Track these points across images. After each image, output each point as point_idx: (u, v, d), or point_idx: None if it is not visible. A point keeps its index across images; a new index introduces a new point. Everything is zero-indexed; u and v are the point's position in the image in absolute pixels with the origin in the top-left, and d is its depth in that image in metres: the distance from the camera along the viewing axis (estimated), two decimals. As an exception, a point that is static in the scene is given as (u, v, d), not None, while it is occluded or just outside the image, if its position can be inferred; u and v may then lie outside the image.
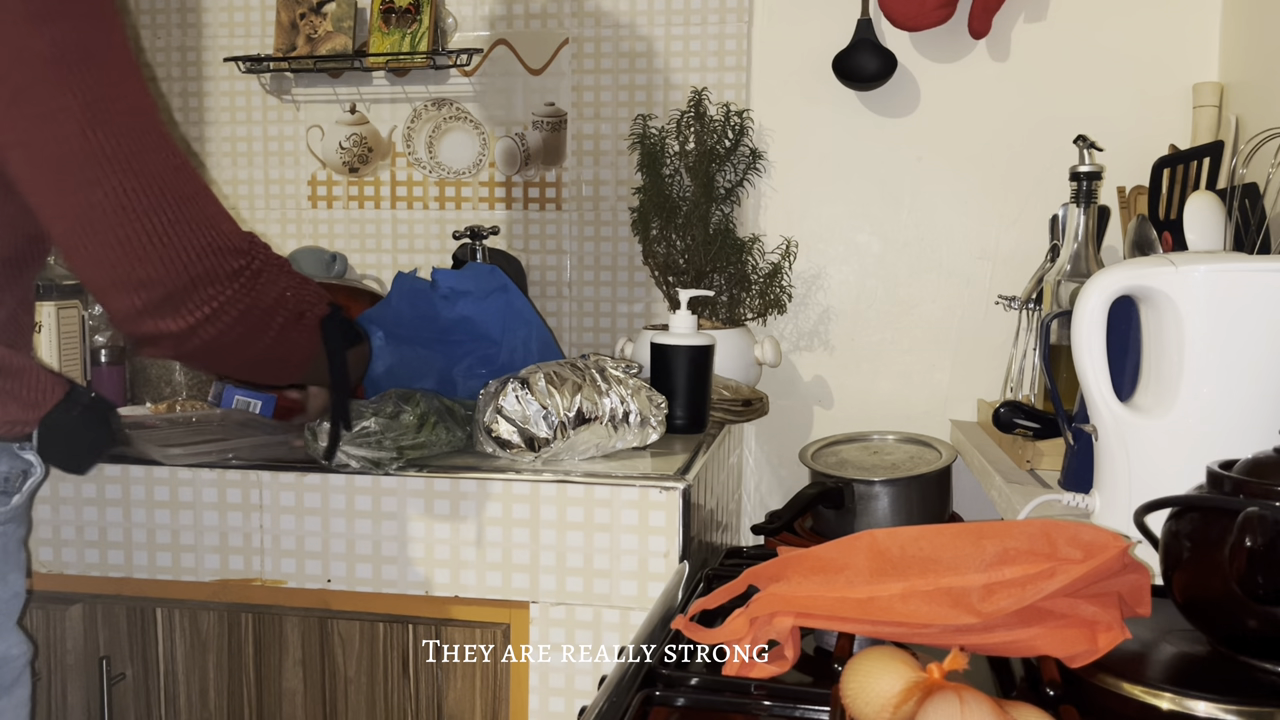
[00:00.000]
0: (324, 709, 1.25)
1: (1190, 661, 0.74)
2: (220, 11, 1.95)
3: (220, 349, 0.90)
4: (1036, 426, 1.23)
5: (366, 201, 1.93)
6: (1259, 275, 0.88)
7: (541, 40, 1.84)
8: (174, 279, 0.83)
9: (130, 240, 0.81)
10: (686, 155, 1.69)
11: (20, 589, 0.94)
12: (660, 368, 1.37)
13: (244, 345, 0.91)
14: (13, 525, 0.91)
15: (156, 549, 1.26)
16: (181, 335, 0.86)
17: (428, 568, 1.21)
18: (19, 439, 0.91)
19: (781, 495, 1.80)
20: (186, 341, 0.87)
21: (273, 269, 0.91)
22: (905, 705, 0.60)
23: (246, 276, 0.88)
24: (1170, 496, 0.78)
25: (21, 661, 0.94)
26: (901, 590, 0.74)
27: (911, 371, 1.76)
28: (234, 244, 0.87)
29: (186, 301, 0.84)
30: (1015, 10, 1.68)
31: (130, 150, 0.80)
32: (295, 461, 1.23)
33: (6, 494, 0.90)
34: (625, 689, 0.76)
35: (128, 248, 0.81)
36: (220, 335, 0.87)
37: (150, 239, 0.82)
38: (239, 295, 0.87)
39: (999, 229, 1.72)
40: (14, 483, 0.90)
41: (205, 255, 0.84)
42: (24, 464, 0.92)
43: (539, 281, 1.87)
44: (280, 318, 0.92)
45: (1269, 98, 1.40)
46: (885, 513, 1.38)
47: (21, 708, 0.95)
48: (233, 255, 0.87)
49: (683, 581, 1.09)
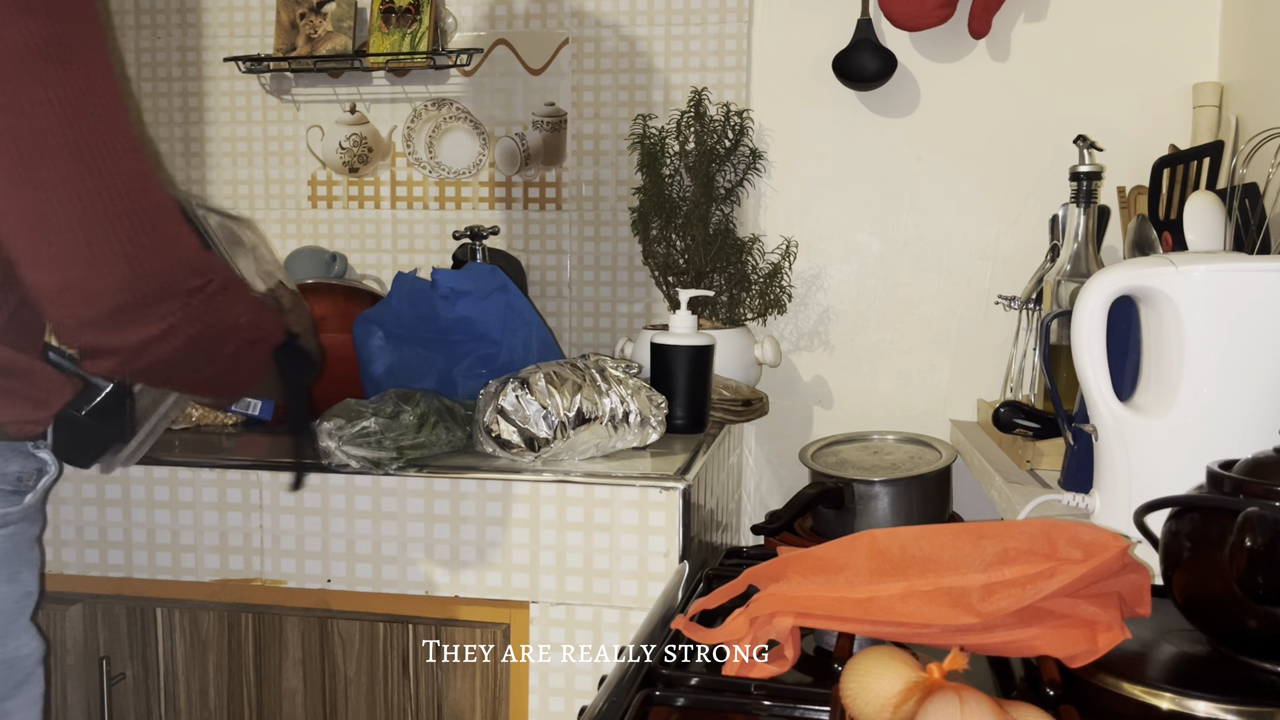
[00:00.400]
0: (324, 709, 1.25)
1: (1190, 661, 0.74)
2: (220, 11, 1.95)
3: (167, 370, 0.86)
4: (1036, 426, 1.23)
5: (366, 201, 1.93)
6: (1259, 275, 0.88)
7: (541, 40, 1.84)
8: (129, 291, 0.79)
9: (89, 246, 0.78)
10: (686, 155, 1.69)
11: (33, 587, 0.94)
12: (660, 368, 1.37)
13: (192, 368, 0.87)
14: (24, 524, 0.91)
15: (156, 549, 1.26)
16: (129, 352, 0.82)
17: (428, 568, 1.21)
18: (31, 438, 0.91)
19: (781, 495, 1.80)
20: (134, 359, 0.83)
21: (231, 292, 0.87)
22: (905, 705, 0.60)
23: (203, 298, 0.84)
24: (1170, 496, 0.78)
25: (34, 659, 0.94)
26: (901, 590, 0.74)
27: (911, 371, 1.76)
28: (194, 262, 0.84)
29: (139, 317, 0.81)
30: (1015, 10, 1.68)
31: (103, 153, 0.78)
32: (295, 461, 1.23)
33: (19, 493, 0.90)
34: (625, 689, 0.76)
35: (85, 253, 0.78)
36: (169, 356, 0.84)
37: (110, 247, 0.78)
38: (193, 316, 0.83)
39: (999, 229, 1.72)
40: (27, 482, 0.90)
41: (164, 270, 0.81)
42: (38, 463, 0.91)
43: (539, 281, 1.87)
44: (233, 344, 0.89)
45: (1269, 98, 1.40)
46: (885, 513, 1.38)
47: (34, 705, 0.95)
48: (191, 273, 0.83)
49: (683, 581, 1.09)
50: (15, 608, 0.91)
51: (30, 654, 0.94)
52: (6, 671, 0.91)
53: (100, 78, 0.79)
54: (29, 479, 0.91)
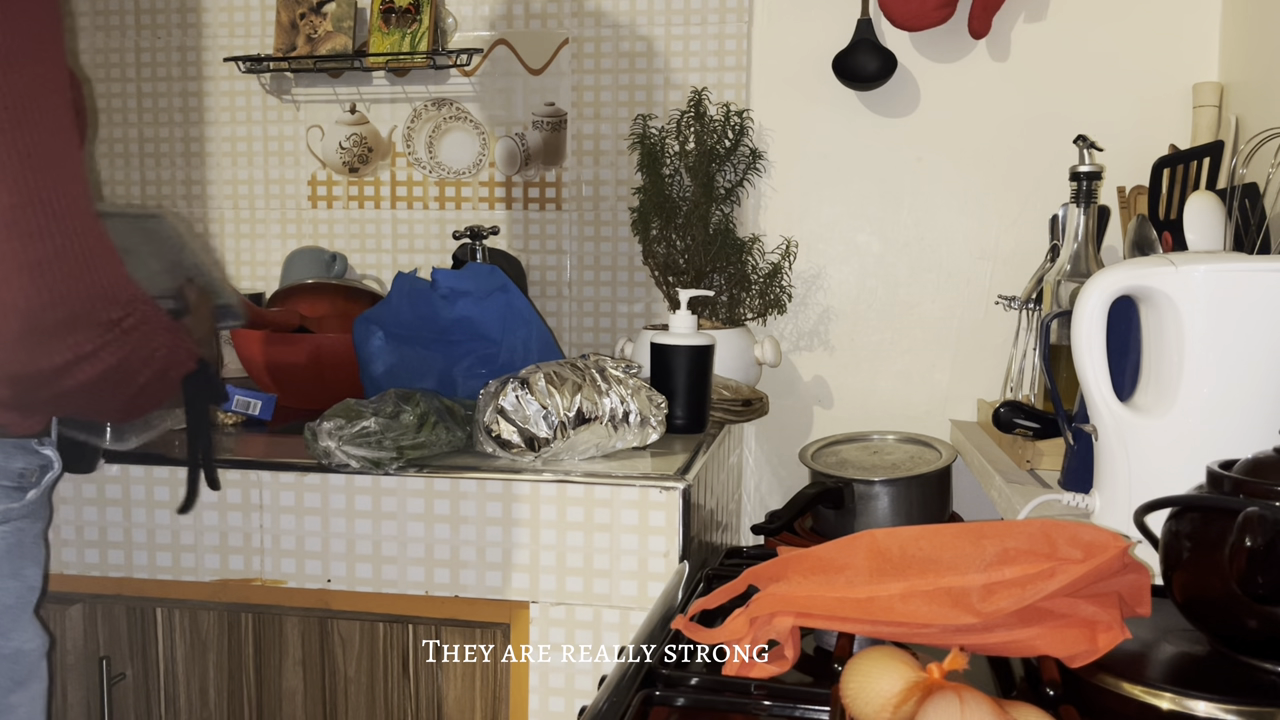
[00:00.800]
0: (324, 709, 1.25)
1: (1190, 661, 0.74)
2: (220, 11, 1.95)
3: (72, 401, 0.83)
4: (1036, 426, 1.23)
5: (366, 201, 1.93)
6: (1259, 275, 0.88)
7: (541, 40, 1.84)
8: (42, 314, 0.75)
9: (9, 258, 0.74)
10: (686, 155, 1.69)
11: (36, 582, 0.94)
12: (660, 368, 1.37)
13: (102, 398, 0.84)
14: (27, 521, 0.92)
15: (156, 549, 1.26)
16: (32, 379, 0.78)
17: (428, 568, 1.21)
18: (36, 435, 0.91)
19: (781, 495, 1.80)
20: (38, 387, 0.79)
21: (149, 327, 0.84)
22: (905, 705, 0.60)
23: (119, 331, 0.81)
24: (1170, 496, 0.78)
25: (37, 654, 0.95)
26: (901, 590, 0.74)
27: (911, 371, 1.76)
28: (115, 292, 0.80)
29: (50, 342, 0.77)
30: (1015, 10, 1.68)
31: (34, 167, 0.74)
32: (295, 461, 1.23)
33: (21, 489, 0.90)
34: (625, 689, 0.76)
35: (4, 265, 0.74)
36: (77, 387, 0.80)
37: (27, 264, 0.74)
38: (108, 346, 0.80)
39: (999, 229, 1.72)
40: (29, 478, 0.91)
41: (82, 296, 0.77)
42: (42, 459, 0.92)
43: (539, 281, 1.87)
44: (145, 375, 0.86)
45: (1269, 98, 1.40)
46: (885, 513, 1.38)
47: (38, 701, 0.95)
48: (111, 304, 0.79)
49: (683, 581, 1.09)
50: (18, 603, 0.92)
51: (33, 649, 0.94)
52: (10, 666, 0.91)
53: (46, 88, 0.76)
54: (31, 475, 0.91)
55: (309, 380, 1.50)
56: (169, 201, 2.00)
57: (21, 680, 0.93)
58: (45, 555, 0.96)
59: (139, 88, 1.98)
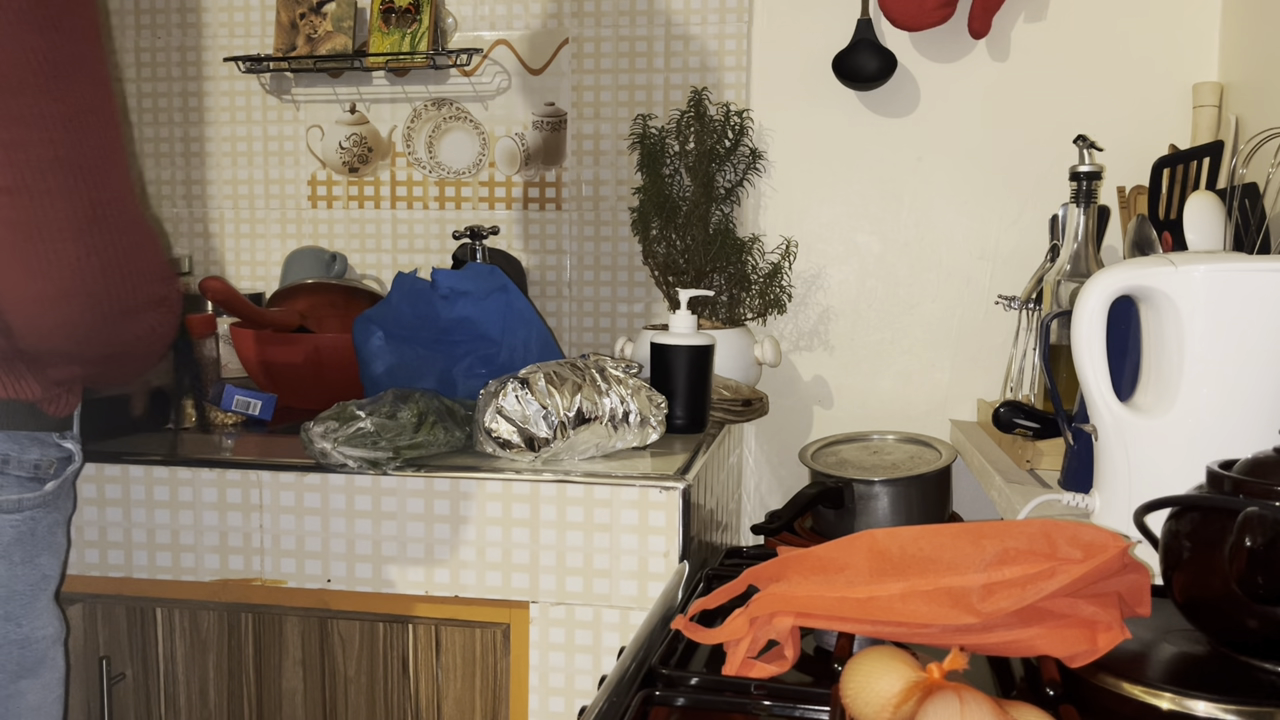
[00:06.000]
0: (324, 709, 1.25)
1: (1190, 661, 0.74)
2: (220, 11, 1.95)
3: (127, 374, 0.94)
4: (1036, 426, 1.23)
5: (366, 201, 1.93)
6: (1259, 275, 0.88)
7: (541, 40, 1.84)
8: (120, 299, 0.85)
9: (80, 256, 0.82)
10: (686, 155, 1.69)
11: (52, 571, 0.96)
12: (660, 368, 1.37)
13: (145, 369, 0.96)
14: (44, 510, 0.93)
15: (156, 549, 1.26)
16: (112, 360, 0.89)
17: (427, 568, 1.21)
18: (58, 427, 0.94)
19: (781, 495, 1.80)
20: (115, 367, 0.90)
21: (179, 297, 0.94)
22: (905, 705, 0.60)
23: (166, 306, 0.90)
24: (1170, 496, 0.78)
25: (49, 641, 0.95)
26: (901, 590, 0.74)
27: (911, 371, 1.76)
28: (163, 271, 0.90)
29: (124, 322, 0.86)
30: (1015, 10, 1.68)
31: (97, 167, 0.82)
32: (295, 461, 1.23)
33: (39, 480, 0.92)
34: (625, 689, 0.76)
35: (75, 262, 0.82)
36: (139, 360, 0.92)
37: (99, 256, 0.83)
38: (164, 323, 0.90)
39: (999, 229, 1.72)
40: (45, 469, 0.93)
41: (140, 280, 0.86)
42: (62, 452, 0.94)
43: (539, 281, 1.87)
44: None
45: (1269, 98, 1.40)
46: (885, 513, 1.38)
47: (52, 690, 0.96)
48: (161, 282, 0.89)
49: (683, 581, 1.09)
50: (30, 590, 0.93)
51: (45, 636, 0.95)
52: (19, 652, 0.92)
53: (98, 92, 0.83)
54: (48, 467, 0.93)
55: (309, 380, 1.50)
56: (169, 201, 2.00)
57: (31, 667, 0.93)
58: (65, 546, 0.99)
59: (139, 88, 1.98)
